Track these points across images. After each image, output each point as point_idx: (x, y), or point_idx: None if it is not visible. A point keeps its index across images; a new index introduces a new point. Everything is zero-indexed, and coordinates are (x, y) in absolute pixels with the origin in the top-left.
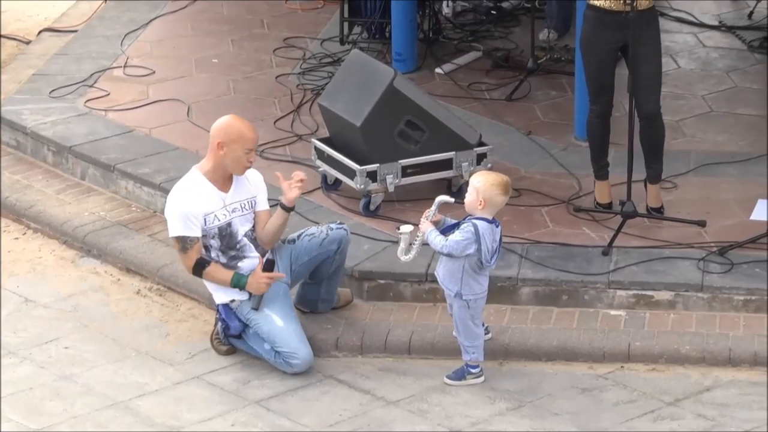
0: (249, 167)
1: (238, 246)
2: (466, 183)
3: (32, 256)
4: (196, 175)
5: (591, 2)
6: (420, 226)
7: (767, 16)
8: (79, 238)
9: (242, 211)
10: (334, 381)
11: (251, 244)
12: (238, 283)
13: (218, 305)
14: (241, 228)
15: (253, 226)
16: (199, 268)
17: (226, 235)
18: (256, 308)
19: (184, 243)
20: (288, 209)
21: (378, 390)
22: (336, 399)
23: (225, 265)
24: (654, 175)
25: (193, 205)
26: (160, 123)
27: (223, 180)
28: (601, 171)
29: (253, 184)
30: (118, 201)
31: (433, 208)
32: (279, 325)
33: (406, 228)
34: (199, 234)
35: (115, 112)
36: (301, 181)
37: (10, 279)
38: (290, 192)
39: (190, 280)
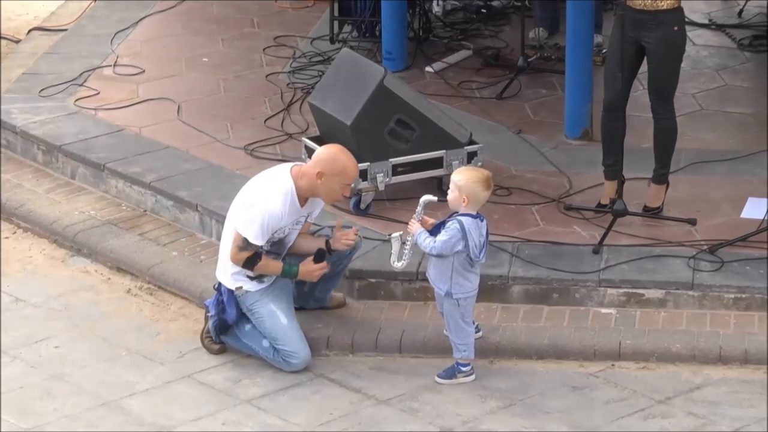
0: (339, 200)
1: (281, 252)
2: None
3: (22, 255)
4: (289, 185)
5: None
6: (409, 228)
7: (757, 14)
8: (69, 237)
9: (301, 224)
10: (325, 380)
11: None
12: (290, 272)
13: (219, 288)
14: (291, 239)
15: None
16: (251, 263)
17: (279, 242)
18: (307, 291)
19: (247, 244)
20: (330, 251)
21: (369, 389)
22: (327, 398)
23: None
24: (657, 176)
25: (278, 219)
26: (150, 122)
27: (305, 198)
28: (608, 170)
29: (317, 201)
30: (108, 200)
31: (419, 208)
32: (283, 323)
33: (396, 233)
34: (264, 242)
35: (105, 111)
36: (354, 238)
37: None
38: (337, 244)
39: (180, 279)
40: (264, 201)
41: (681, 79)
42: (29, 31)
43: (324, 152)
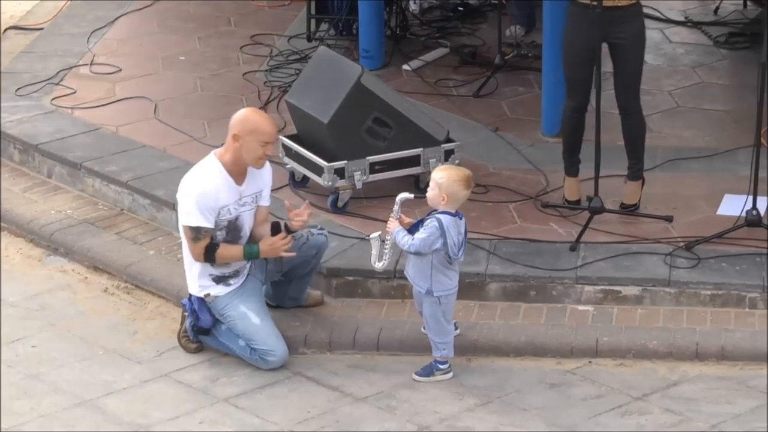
0: (265, 160)
1: (240, 242)
2: None
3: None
4: (215, 164)
5: None
6: (387, 226)
7: (733, 11)
8: (45, 236)
9: (251, 205)
10: (303, 378)
11: (250, 242)
12: (251, 252)
13: (189, 297)
14: (247, 221)
15: (251, 224)
16: (211, 252)
17: (233, 228)
18: (280, 271)
19: (197, 233)
20: (290, 232)
21: (347, 386)
22: (304, 396)
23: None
24: (632, 172)
25: (213, 196)
26: (126, 121)
27: (240, 173)
28: (571, 167)
29: (263, 177)
30: (85, 199)
31: (396, 206)
32: (255, 323)
33: (374, 234)
34: (213, 225)
35: (81, 110)
36: (309, 214)
37: None
38: (295, 221)
39: (157, 278)
40: (193, 185)
41: (657, 76)
42: (5, 30)
43: (236, 116)
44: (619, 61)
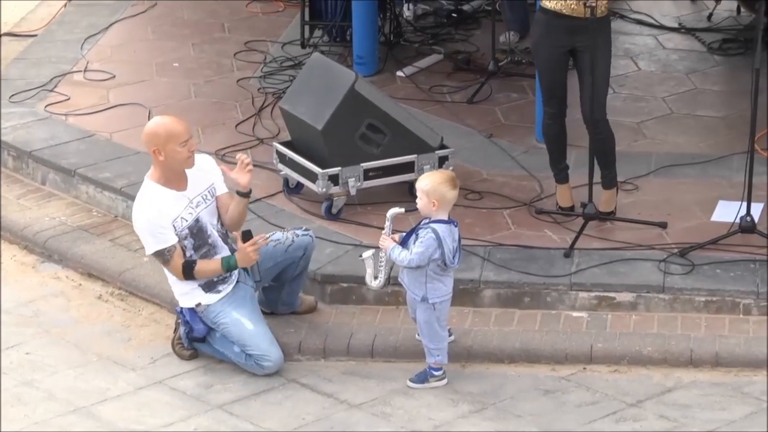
0: (193, 156)
1: (209, 241)
2: None
3: None
4: (150, 185)
5: (542, 4)
6: (381, 244)
7: (726, 18)
8: (39, 243)
9: (205, 202)
10: (297, 384)
11: (221, 240)
12: (229, 264)
13: (181, 309)
14: (209, 220)
15: (218, 218)
16: (189, 270)
17: (196, 231)
18: (257, 279)
19: (163, 256)
20: (245, 195)
21: (341, 393)
22: (299, 402)
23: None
24: (606, 181)
25: (158, 216)
26: (120, 127)
27: (178, 180)
28: (560, 174)
29: (207, 171)
30: (78, 206)
31: (388, 222)
32: (249, 329)
33: (368, 253)
34: (174, 240)
35: (75, 116)
36: (248, 163)
37: None
38: (242, 178)
39: (151, 284)
40: (137, 216)
41: (651, 82)
42: None
43: (145, 132)
44: (585, 72)
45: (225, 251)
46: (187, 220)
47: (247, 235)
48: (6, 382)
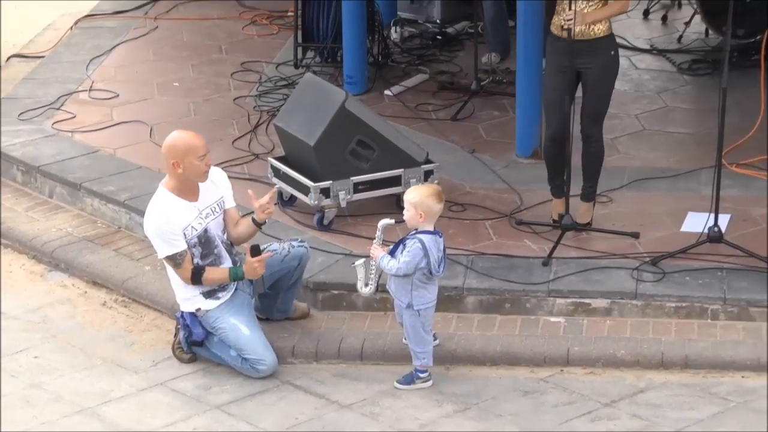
0: (209, 170)
1: (215, 251)
2: None
3: (3, 270)
4: (164, 193)
5: (550, 29)
6: (371, 253)
7: (695, 40)
8: (47, 253)
9: (214, 214)
10: (291, 386)
11: (225, 252)
12: (236, 275)
13: (182, 313)
14: (216, 232)
15: (224, 230)
16: (197, 276)
17: (204, 241)
18: (261, 291)
19: (174, 260)
20: (260, 225)
21: (332, 394)
22: (292, 403)
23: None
24: (585, 194)
25: (170, 224)
26: (123, 143)
27: (191, 191)
28: (555, 189)
29: (218, 185)
30: (84, 218)
31: (379, 233)
32: (246, 334)
33: (359, 261)
34: (184, 246)
35: (81, 133)
36: (269, 208)
37: None
38: (261, 215)
39: (153, 292)
40: (150, 221)
41: (624, 101)
42: (8, 58)
43: (165, 145)
44: (585, 90)
45: (228, 262)
46: (196, 230)
47: (255, 250)
48: (15, 385)
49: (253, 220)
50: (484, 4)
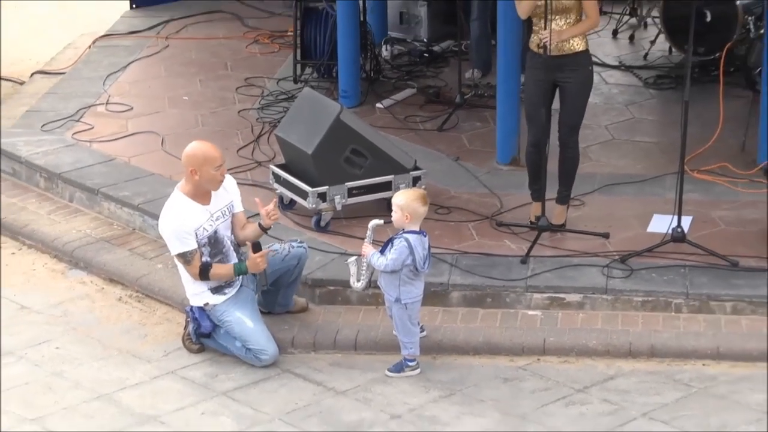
0: (223, 180)
1: (223, 250)
2: None
3: (27, 268)
4: (179, 196)
5: (529, 46)
6: (363, 251)
7: (660, 57)
8: (67, 252)
9: (224, 217)
10: (291, 374)
11: (233, 250)
12: (240, 270)
13: (191, 308)
14: (225, 233)
15: (232, 231)
16: (205, 272)
17: (213, 242)
18: (264, 284)
19: (185, 257)
20: (265, 230)
21: (329, 382)
22: (292, 390)
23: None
24: (561, 197)
25: (183, 224)
26: (137, 152)
27: (204, 195)
28: (535, 193)
29: (228, 191)
30: (101, 220)
31: (369, 232)
32: (250, 326)
33: (352, 258)
34: (195, 245)
35: (98, 143)
36: (275, 214)
37: (7, 289)
38: (267, 221)
39: (165, 288)
40: (165, 221)
41: (595, 113)
42: (32, 75)
43: (186, 151)
44: (564, 102)
45: (235, 259)
46: (207, 231)
47: (257, 247)
48: (38, 374)
49: (260, 225)
50: (471, 24)
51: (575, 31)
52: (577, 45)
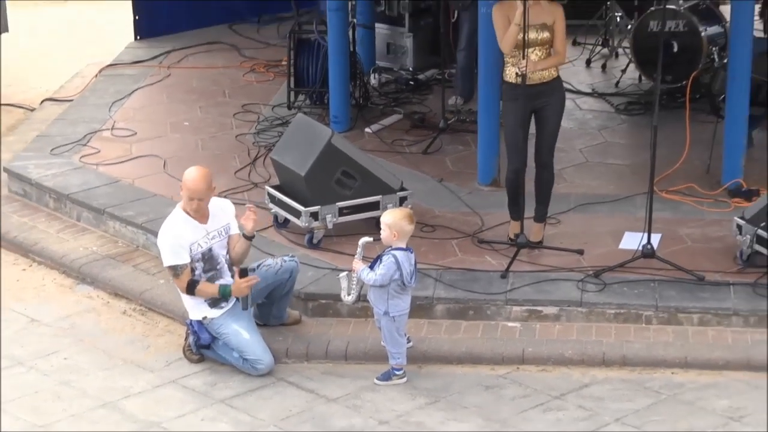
0: (198, 210)
1: (217, 267)
2: None
3: (37, 284)
4: (180, 213)
5: (505, 79)
6: (353, 266)
7: (630, 85)
8: (75, 268)
9: (219, 237)
10: (285, 383)
11: (226, 267)
12: (225, 292)
13: (191, 321)
14: (220, 252)
15: (227, 251)
16: (192, 287)
17: (208, 258)
18: (245, 308)
19: (175, 270)
20: (249, 238)
21: (320, 390)
22: (287, 397)
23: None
24: (538, 216)
25: (178, 237)
26: (141, 174)
27: (201, 215)
28: (514, 213)
29: (226, 213)
30: (107, 238)
31: (359, 249)
32: (246, 338)
33: (343, 273)
34: (187, 261)
35: (104, 165)
36: (254, 212)
37: (18, 303)
38: (248, 224)
39: (167, 302)
40: (163, 233)
41: (569, 136)
42: (42, 102)
43: (183, 175)
44: (543, 125)
45: (228, 277)
46: (202, 247)
47: (243, 272)
48: (47, 383)
49: (244, 235)
50: (458, 54)
51: (548, 64)
52: (553, 71)
